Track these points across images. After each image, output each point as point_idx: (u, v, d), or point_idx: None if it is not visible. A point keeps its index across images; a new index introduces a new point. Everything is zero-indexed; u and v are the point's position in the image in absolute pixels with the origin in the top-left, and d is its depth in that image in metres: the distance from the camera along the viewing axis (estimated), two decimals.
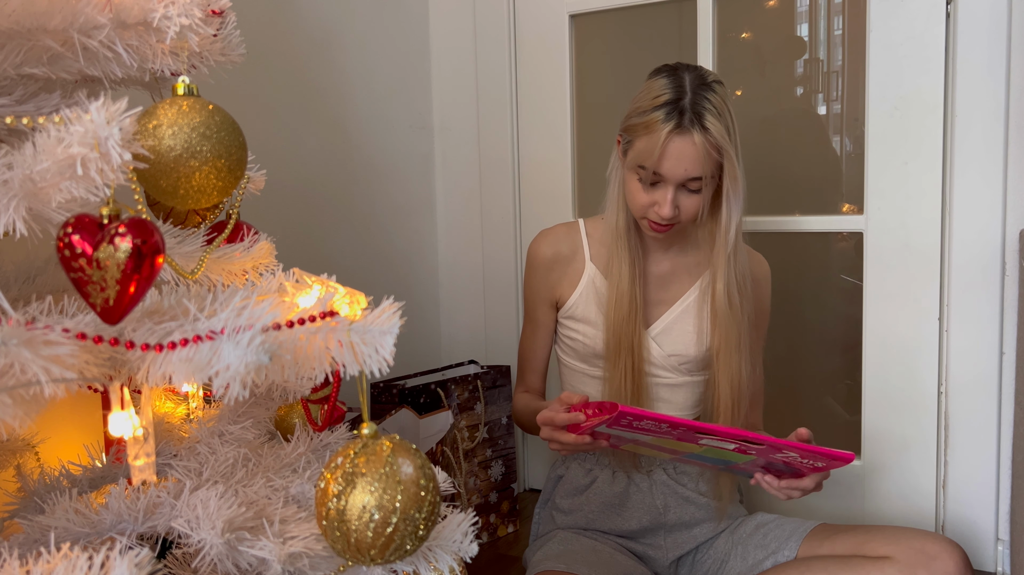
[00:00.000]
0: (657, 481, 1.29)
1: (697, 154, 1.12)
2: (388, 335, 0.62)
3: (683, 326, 1.27)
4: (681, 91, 1.13)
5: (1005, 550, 1.43)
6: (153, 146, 0.64)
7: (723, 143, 1.12)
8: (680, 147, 1.12)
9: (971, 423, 1.43)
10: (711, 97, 1.13)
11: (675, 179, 1.14)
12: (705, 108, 1.12)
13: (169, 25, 0.67)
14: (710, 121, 1.11)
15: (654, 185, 1.16)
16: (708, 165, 1.13)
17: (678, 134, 1.12)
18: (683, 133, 1.11)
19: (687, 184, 1.14)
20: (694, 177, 1.14)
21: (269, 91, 1.46)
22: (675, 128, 1.12)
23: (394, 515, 0.62)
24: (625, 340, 1.22)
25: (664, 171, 1.14)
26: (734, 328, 1.21)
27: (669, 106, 1.12)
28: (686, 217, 1.18)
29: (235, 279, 0.82)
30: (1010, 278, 1.38)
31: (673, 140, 1.12)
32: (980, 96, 1.37)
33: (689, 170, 1.13)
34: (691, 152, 1.12)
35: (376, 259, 1.73)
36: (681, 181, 1.14)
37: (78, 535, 0.72)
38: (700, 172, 1.13)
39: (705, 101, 1.12)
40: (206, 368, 0.56)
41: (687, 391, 1.29)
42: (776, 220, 1.58)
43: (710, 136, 1.11)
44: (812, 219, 1.60)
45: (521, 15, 1.78)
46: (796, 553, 1.21)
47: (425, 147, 1.87)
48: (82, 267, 0.55)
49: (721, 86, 1.16)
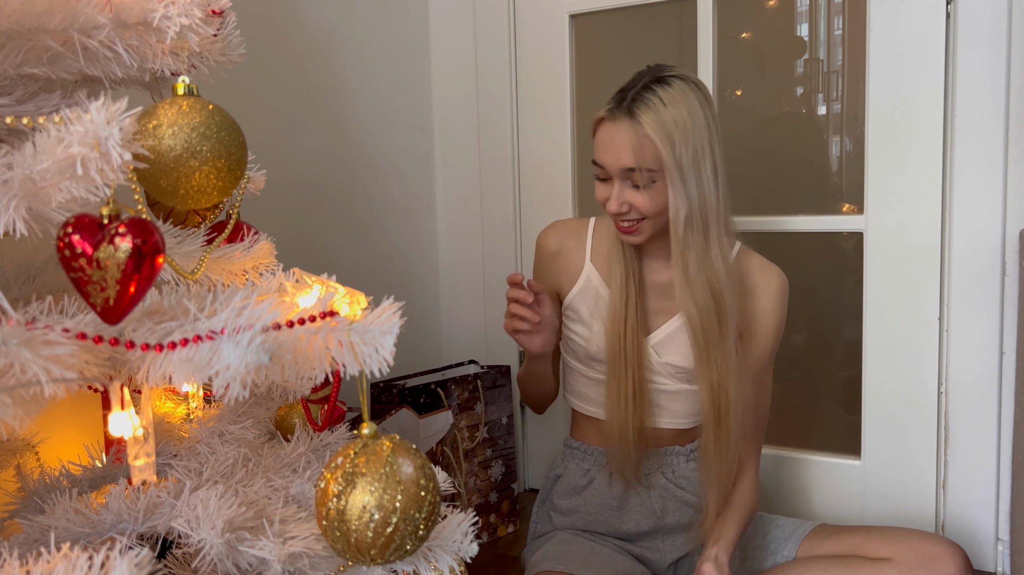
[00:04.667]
0: (656, 485, 1.28)
1: (627, 143, 1.10)
2: (388, 335, 0.62)
3: (683, 337, 1.23)
4: (631, 84, 1.13)
5: (1005, 550, 1.43)
6: (153, 146, 0.64)
7: (656, 135, 1.08)
8: (610, 134, 1.12)
9: (971, 423, 1.43)
10: (660, 90, 1.10)
11: (612, 170, 1.13)
12: (644, 99, 1.10)
13: (169, 25, 0.67)
14: (644, 111, 1.09)
15: (605, 180, 1.16)
16: (645, 157, 1.10)
17: (609, 121, 1.12)
18: (613, 120, 1.11)
19: (631, 177, 1.12)
20: (628, 167, 1.11)
21: (269, 91, 1.46)
22: (606, 115, 1.13)
23: (394, 515, 0.62)
24: (625, 347, 1.20)
25: (600, 160, 1.14)
26: (700, 335, 1.17)
27: (614, 97, 1.13)
28: (642, 214, 1.14)
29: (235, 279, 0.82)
30: (1010, 278, 1.38)
31: (604, 127, 1.13)
32: (980, 96, 1.37)
33: (622, 159, 1.11)
34: (620, 140, 1.10)
35: (376, 259, 1.73)
36: (619, 172, 1.12)
37: (78, 535, 0.72)
38: (633, 163, 1.10)
39: (649, 93, 1.10)
40: (206, 368, 0.56)
41: (685, 399, 1.27)
42: (776, 220, 1.58)
43: (639, 126, 1.09)
44: (812, 219, 1.60)
45: (521, 15, 1.78)
46: (795, 554, 1.21)
47: (425, 147, 1.87)
48: (82, 267, 0.55)
49: (684, 82, 1.12)
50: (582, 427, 1.34)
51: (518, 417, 1.84)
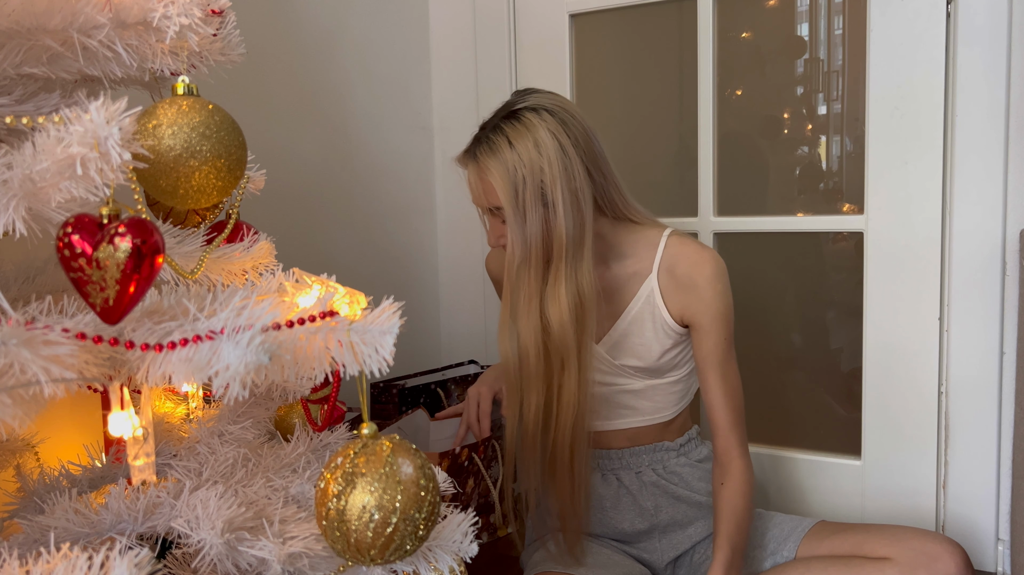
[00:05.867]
0: (647, 482, 1.28)
1: (476, 186, 1.13)
2: (388, 335, 0.62)
3: (635, 337, 1.23)
4: (486, 122, 1.14)
5: (1005, 550, 1.43)
6: (153, 146, 0.64)
7: (496, 178, 1.09)
8: (468, 175, 1.15)
9: (971, 423, 1.43)
10: (507, 127, 1.10)
11: (478, 207, 1.17)
12: (488, 141, 1.11)
13: (169, 25, 0.67)
14: (485, 155, 1.10)
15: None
16: (491, 199, 1.12)
17: (461, 164, 1.16)
18: (464, 164, 1.15)
19: (498, 214, 1.14)
20: (486, 207, 1.15)
21: (269, 91, 1.46)
22: (459, 158, 1.16)
23: (394, 515, 0.62)
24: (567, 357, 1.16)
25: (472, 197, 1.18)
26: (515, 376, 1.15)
27: (475, 135, 1.15)
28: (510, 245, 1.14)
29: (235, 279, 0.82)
30: (1010, 278, 1.38)
31: (464, 168, 1.16)
32: (980, 96, 1.37)
33: (479, 199, 1.15)
34: (472, 182, 1.14)
35: (376, 259, 1.73)
36: (485, 209, 1.16)
37: (78, 535, 0.72)
38: (485, 203, 1.14)
39: (495, 134, 1.11)
40: (206, 368, 0.56)
41: (655, 393, 1.26)
42: (776, 220, 1.58)
43: (482, 171, 1.11)
44: (812, 219, 1.60)
45: (521, 15, 1.78)
46: (795, 553, 1.21)
47: (425, 147, 1.87)
48: (82, 267, 0.55)
49: (534, 113, 1.11)
50: None
51: None
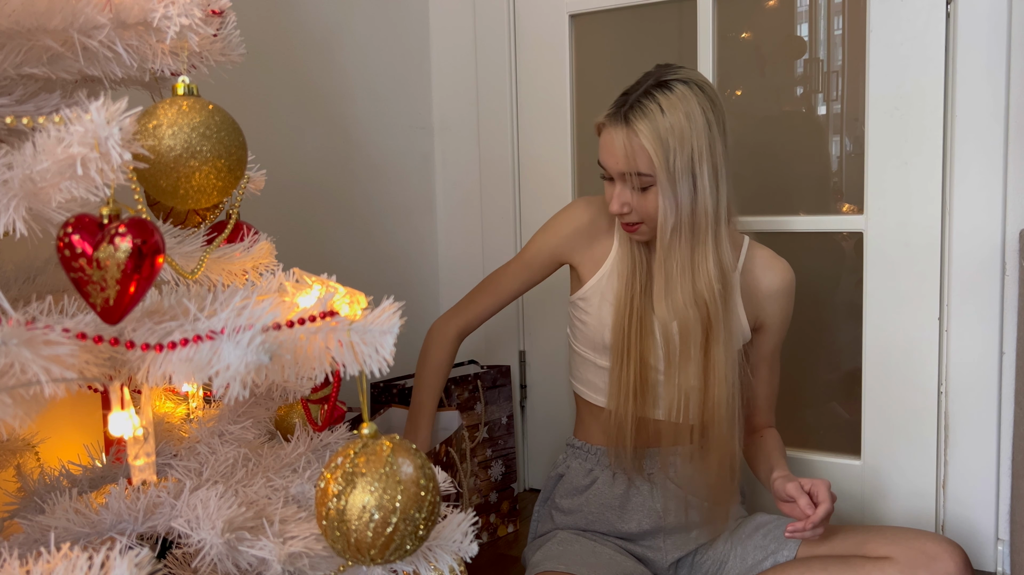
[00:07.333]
0: (658, 484, 1.28)
1: (621, 148, 1.13)
2: (388, 335, 0.62)
3: None
4: (634, 88, 1.15)
5: (1005, 550, 1.43)
6: (153, 146, 0.64)
7: (650, 144, 1.11)
8: (609, 139, 1.15)
9: (971, 423, 1.43)
10: (660, 95, 1.12)
11: (613, 171, 1.16)
12: (641, 106, 1.12)
13: (169, 25, 0.67)
14: (639, 120, 1.11)
15: (610, 180, 1.19)
16: (639, 164, 1.12)
17: (606, 126, 1.16)
18: (610, 125, 1.15)
19: (629, 180, 1.15)
20: (624, 172, 1.14)
21: (269, 91, 1.46)
22: (605, 120, 1.16)
23: (394, 515, 0.62)
24: (628, 338, 1.22)
25: (602, 161, 1.17)
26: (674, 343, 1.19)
27: (617, 101, 1.15)
28: (644, 217, 1.17)
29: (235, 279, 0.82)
30: (1010, 278, 1.38)
31: (604, 131, 1.16)
32: (980, 96, 1.37)
33: (619, 164, 1.14)
34: (616, 145, 1.14)
35: (376, 259, 1.73)
36: (618, 175, 1.15)
37: (78, 535, 0.72)
38: (627, 168, 1.13)
39: (648, 99, 1.12)
40: (206, 368, 0.56)
41: None
42: (776, 220, 1.58)
43: (634, 135, 1.12)
44: (812, 219, 1.60)
45: (521, 15, 1.78)
46: (796, 553, 1.21)
47: (425, 147, 1.87)
48: (82, 267, 0.55)
49: (686, 86, 1.13)
50: (586, 424, 1.34)
51: (518, 417, 1.84)
